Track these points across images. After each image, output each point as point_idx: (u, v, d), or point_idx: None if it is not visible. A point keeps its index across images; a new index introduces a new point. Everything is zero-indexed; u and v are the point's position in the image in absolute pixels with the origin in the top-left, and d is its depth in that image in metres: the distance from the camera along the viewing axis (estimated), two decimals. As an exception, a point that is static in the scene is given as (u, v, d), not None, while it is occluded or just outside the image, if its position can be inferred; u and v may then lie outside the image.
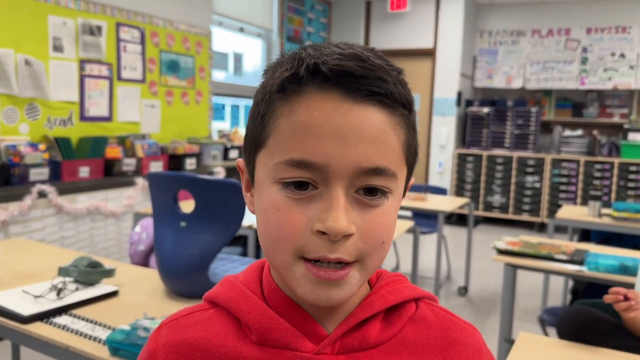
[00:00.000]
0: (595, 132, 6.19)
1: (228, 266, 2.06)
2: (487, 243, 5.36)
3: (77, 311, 1.42)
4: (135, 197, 3.59)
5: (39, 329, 1.32)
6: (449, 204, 3.80)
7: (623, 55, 6.13)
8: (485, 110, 6.45)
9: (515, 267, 2.29)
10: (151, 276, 1.74)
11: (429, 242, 5.23)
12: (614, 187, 5.86)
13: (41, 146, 3.24)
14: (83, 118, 3.67)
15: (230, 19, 5.29)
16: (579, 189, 6.03)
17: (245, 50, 5.72)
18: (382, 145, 0.49)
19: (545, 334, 2.43)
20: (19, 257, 1.91)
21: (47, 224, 3.08)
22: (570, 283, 3.18)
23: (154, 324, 1.22)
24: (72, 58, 3.57)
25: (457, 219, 6.51)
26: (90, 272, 1.55)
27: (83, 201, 3.27)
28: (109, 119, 3.87)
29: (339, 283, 0.49)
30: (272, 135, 0.50)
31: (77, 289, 1.52)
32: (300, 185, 0.48)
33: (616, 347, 1.44)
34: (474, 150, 6.50)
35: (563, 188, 6.13)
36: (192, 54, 4.60)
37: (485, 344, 0.60)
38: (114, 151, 3.67)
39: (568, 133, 6.34)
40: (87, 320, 1.37)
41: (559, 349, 1.44)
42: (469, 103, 6.65)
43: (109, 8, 3.80)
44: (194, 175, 1.58)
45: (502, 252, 2.31)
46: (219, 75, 5.30)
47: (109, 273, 1.60)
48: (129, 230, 3.54)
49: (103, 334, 1.28)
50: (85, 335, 1.28)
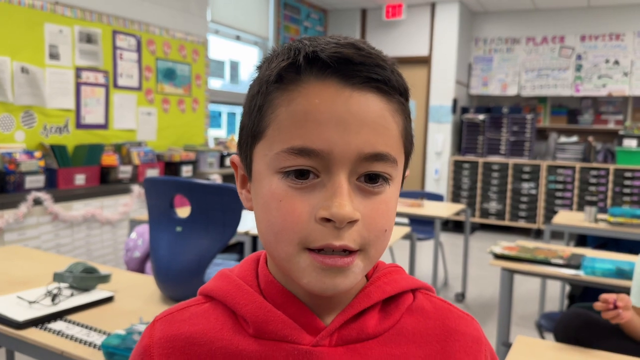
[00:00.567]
0: (590, 139, 6.21)
1: (224, 272, 2.05)
2: (484, 249, 5.36)
3: (72, 317, 1.41)
4: (131, 205, 3.58)
5: (33, 334, 1.31)
6: (446, 210, 3.80)
7: (617, 62, 6.17)
8: (481, 117, 6.48)
9: (512, 272, 2.29)
10: (147, 282, 1.73)
11: (425, 249, 5.23)
12: (610, 193, 5.88)
13: (37, 154, 3.23)
14: (79, 126, 3.67)
15: (227, 27, 5.31)
16: (575, 195, 6.05)
17: (242, 58, 5.74)
18: (383, 131, 0.49)
19: (543, 339, 2.43)
20: (14, 264, 1.90)
21: (43, 231, 3.06)
22: (567, 288, 3.18)
23: (150, 328, 1.21)
24: (69, 66, 3.57)
25: (454, 226, 6.51)
26: (85, 278, 1.55)
27: (79, 209, 3.26)
28: (105, 126, 3.87)
29: (344, 270, 0.48)
30: (271, 126, 0.50)
31: (72, 295, 1.51)
32: (301, 174, 0.48)
33: (613, 350, 1.44)
34: (470, 157, 6.52)
35: (559, 194, 6.14)
36: (189, 61, 4.61)
37: (484, 334, 0.60)
38: (110, 159, 3.67)
39: (563, 140, 6.37)
40: (82, 325, 1.36)
41: (556, 352, 1.44)
42: (465, 110, 6.68)
43: (105, 16, 3.81)
44: (190, 179, 1.58)
45: (499, 257, 2.31)
46: (215, 83, 5.31)
47: (105, 279, 1.59)
48: (125, 238, 3.52)
49: (98, 339, 1.28)
50: (81, 341, 1.27)
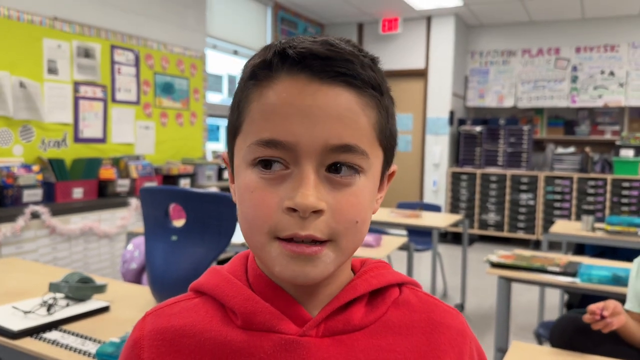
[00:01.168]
0: (587, 149, 6.23)
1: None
2: (482, 260, 5.35)
3: (68, 326, 1.41)
4: (129, 218, 3.58)
5: (28, 344, 1.31)
6: (444, 220, 3.81)
7: (612, 73, 6.21)
8: (478, 129, 6.51)
9: (509, 280, 2.29)
10: (142, 292, 1.73)
11: (424, 260, 5.22)
12: (608, 204, 5.88)
13: (35, 167, 3.24)
14: (77, 139, 3.69)
15: (224, 41, 5.35)
16: (573, 206, 6.06)
17: (239, 73, 5.78)
18: (350, 123, 0.50)
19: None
20: (10, 276, 1.91)
21: (40, 244, 3.06)
22: (566, 297, 3.17)
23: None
24: (67, 80, 3.60)
25: (453, 238, 6.50)
26: (81, 288, 1.55)
27: (76, 222, 3.26)
28: (103, 140, 3.89)
29: (312, 259, 0.49)
30: (246, 120, 0.52)
31: (68, 305, 1.51)
32: (266, 164, 0.50)
33: (608, 355, 1.44)
34: (468, 169, 6.53)
35: (557, 205, 6.15)
36: (187, 76, 4.64)
37: (469, 328, 0.60)
38: (107, 172, 3.68)
39: (560, 150, 6.39)
40: (77, 335, 1.36)
41: (552, 356, 1.44)
42: (462, 122, 6.71)
43: (103, 31, 3.85)
44: (185, 188, 1.59)
45: (496, 265, 2.31)
46: (213, 97, 5.34)
47: (100, 289, 1.59)
48: (122, 251, 3.52)
49: (93, 349, 1.27)
50: (75, 350, 1.27)
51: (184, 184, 4.18)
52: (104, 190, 3.64)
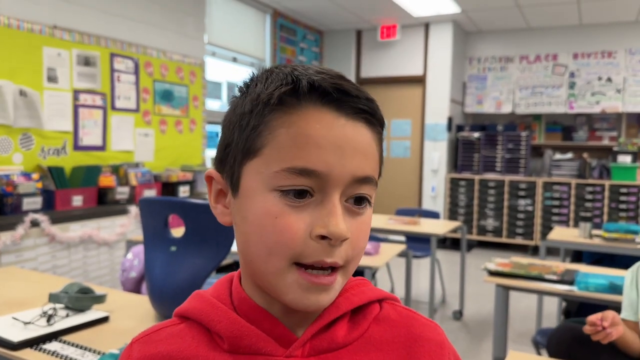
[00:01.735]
0: (585, 155, 6.26)
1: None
2: (481, 267, 5.35)
3: (67, 337, 1.42)
4: (129, 226, 3.59)
5: (28, 355, 1.32)
6: (442, 227, 3.82)
7: (610, 79, 6.24)
8: (476, 135, 6.53)
9: (506, 288, 2.30)
10: (142, 302, 1.74)
11: (423, 267, 5.23)
12: (606, 209, 5.90)
13: (34, 175, 3.25)
14: (77, 147, 3.70)
15: (224, 49, 5.38)
16: (571, 212, 6.07)
17: (239, 80, 5.80)
18: (370, 156, 0.54)
19: (539, 355, 2.43)
20: (10, 285, 1.91)
21: (40, 252, 3.07)
22: (564, 305, 3.18)
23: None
24: (67, 88, 3.62)
25: (451, 244, 6.51)
26: (80, 298, 1.56)
27: (76, 230, 3.27)
28: (102, 148, 3.90)
29: (327, 288, 0.52)
30: (269, 145, 0.52)
31: (68, 315, 1.52)
32: (299, 194, 0.51)
33: (605, 365, 1.45)
34: (466, 175, 6.55)
35: (555, 211, 6.16)
36: (186, 83, 4.66)
37: (447, 339, 0.63)
38: (107, 180, 3.69)
39: (558, 156, 6.41)
40: (77, 346, 1.37)
41: (548, 367, 1.45)
42: (460, 128, 6.73)
43: (103, 39, 3.87)
44: (184, 199, 1.60)
45: (493, 274, 2.32)
46: (212, 104, 5.36)
47: (100, 299, 1.60)
48: (122, 259, 3.53)
49: (93, 359, 1.28)
50: (75, 361, 1.28)
51: (184, 191, 4.19)
52: (103, 198, 3.64)
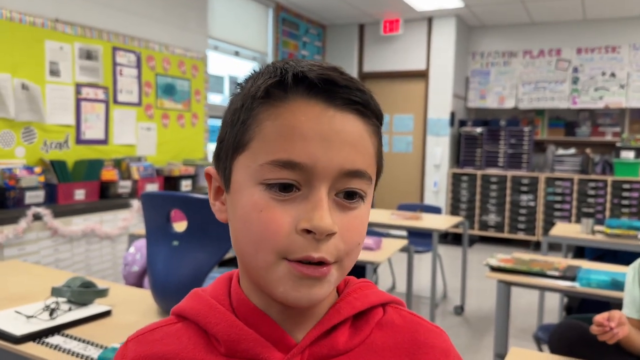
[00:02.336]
0: (588, 151, 6.24)
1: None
2: (483, 262, 5.35)
3: (70, 331, 1.42)
4: (131, 219, 3.60)
5: (31, 349, 1.32)
6: (444, 222, 3.82)
7: (613, 74, 6.21)
8: (479, 130, 6.51)
9: (508, 284, 2.30)
10: (144, 296, 1.74)
11: (424, 262, 5.23)
12: (608, 205, 5.89)
13: (37, 169, 3.26)
14: (79, 141, 3.70)
15: (226, 43, 5.36)
16: (574, 207, 6.06)
17: (241, 74, 5.79)
18: (362, 149, 0.52)
19: (540, 351, 2.43)
20: (13, 279, 1.92)
21: (43, 246, 3.08)
22: (565, 300, 3.18)
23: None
24: (69, 82, 3.61)
25: (453, 239, 6.51)
26: (83, 292, 1.56)
27: (78, 224, 3.27)
28: (105, 142, 3.90)
29: (320, 280, 0.50)
30: (256, 138, 0.51)
31: (70, 309, 1.52)
32: (284, 187, 0.50)
33: (607, 362, 1.45)
34: (468, 170, 6.54)
35: (557, 206, 6.15)
36: (188, 77, 4.66)
37: (453, 346, 0.61)
38: (109, 174, 3.69)
39: (561, 152, 6.40)
40: (80, 340, 1.37)
41: (550, 363, 1.45)
42: (463, 123, 6.72)
43: (105, 33, 3.86)
44: (186, 194, 1.60)
45: (495, 269, 2.32)
46: (214, 98, 5.35)
47: (102, 293, 1.61)
48: (124, 253, 3.54)
49: (95, 354, 1.29)
50: (78, 355, 1.29)
51: (186, 185, 4.20)
52: (105, 192, 3.65)
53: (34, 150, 3.40)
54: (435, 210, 4.53)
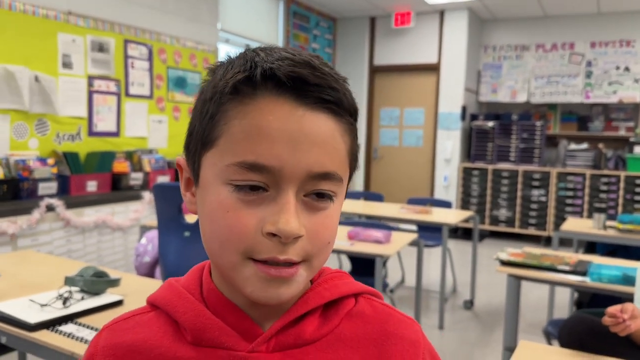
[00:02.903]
0: (601, 146, 6.18)
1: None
2: (493, 257, 5.33)
3: (83, 320, 1.44)
4: (142, 211, 3.62)
5: (45, 336, 1.34)
6: (454, 216, 3.81)
7: (628, 68, 6.14)
8: (490, 124, 6.48)
9: (519, 279, 2.29)
10: (156, 286, 1.75)
11: (434, 256, 5.23)
12: (621, 201, 5.83)
13: (50, 161, 3.29)
14: (91, 133, 3.73)
15: (237, 35, 5.37)
16: (585, 203, 6.02)
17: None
18: (332, 151, 0.50)
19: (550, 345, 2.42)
20: (26, 268, 1.95)
21: (55, 237, 3.11)
22: (576, 295, 3.17)
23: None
24: (81, 74, 3.64)
25: (463, 233, 6.50)
26: (95, 282, 1.58)
27: (90, 215, 3.31)
28: (116, 134, 3.93)
29: (287, 280, 0.50)
30: (223, 136, 0.50)
31: (83, 298, 1.54)
32: (251, 188, 0.49)
33: (618, 357, 1.44)
34: (480, 164, 6.51)
35: (569, 201, 6.11)
36: (199, 70, 4.67)
37: (424, 337, 0.60)
38: (121, 166, 3.72)
39: (574, 147, 6.34)
40: (92, 328, 1.39)
41: (560, 356, 1.44)
42: (474, 117, 6.68)
43: (117, 25, 3.88)
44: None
45: (505, 264, 2.31)
46: (225, 91, 5.36)
47: (114, 283, 1.62)
48: (135, 244, 3.57)
49: (107, 342, 1.30)
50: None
51: (196, 177, 4.22)
52: (117, 184, 3.68)
53: (47, 142, 3.44)
54: (446, 204, 4.51)
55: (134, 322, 0.58)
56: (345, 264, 4.49)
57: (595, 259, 2.43)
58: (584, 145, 6.32)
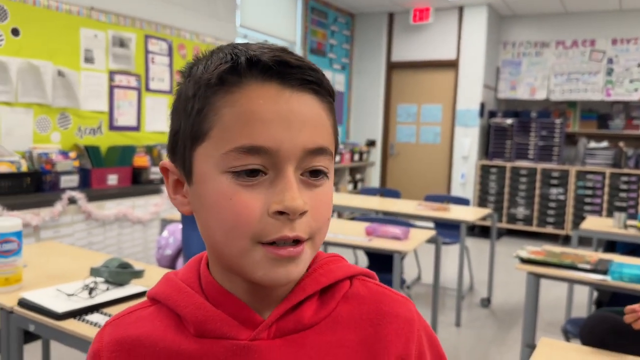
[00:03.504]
0: (621, 144, 6.10)
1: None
2: (511, 255, 5.31)
3: (108, 309, 1.47)
4: (162, 205, 3.66)
5: (72, 325, 1.37)
6: (472, 214, 3.79)
7: (650, 66, 6.05)
8: (509, 121, 6.42)
9: (538, 277, 2.28)
10: (178, 278, 1.78)
11: (451, 253, 5.21)
12: (641, 200, 5.76)
13: (72, 154, 3.34)
14: (112, 127, 3.78)
15: (255, 31, 5.39)
16: (605, 202, 5.95)
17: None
18: (321, 127, 0.53)
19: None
20: (51, 259, 1.98)
21: (77, 229, 3.16)
22: (595, 295, 3.14)
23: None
24: (103, 69, 3.68)
25: (480, 231, 6.46)
26: (120, 273, 1.61)
27: (111, 208, 3.35)
28: (137, 128, 3.97)
29: (295, 259, 0.52)
30: (216, 127, 0.51)
31: (108, 289, 1.57)
32: (251, 173, 0.50)
33: (640, 355, 1.43)
34: (498, 162, 6.46)
35: (588, 200, 6.05)
36: (218, 65, 4.69)
37: (419, 315, 0.61)
38: (141, 160, 3.76)
39: (593, 145, 6.27)
40: (118, 318, 1.41)
41: (581, 354, 1.44)
42: (492, 114, 6.63)
43: (138, 21, 3.92)
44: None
45: (525, 261, 2.30)
46: (243, 87, 5.38)
47: (138, 274, 1.65)
48: (155, 237, 3.61)
49: (133, 331, 1.33)
50: (116, 332, 1.33)
51: (214, 172, 4.25)
52: (137, 178, 3.72)
53: (68, 136, 3.49)
54: (464, 201, 4.50)
55: (136, 317, 0.59)
56: (362, 259, 4.49)
57: (617, 258, 2.41)
58: (604, 144, 6.24)
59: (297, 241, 0.51)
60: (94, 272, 1.61)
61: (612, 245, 3.53)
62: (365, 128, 7.19)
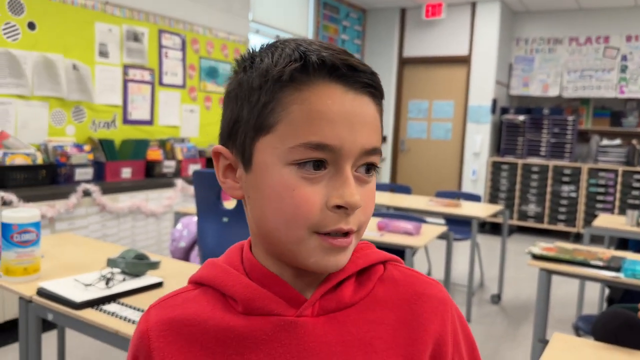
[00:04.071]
0: (634, 142, 6.05)
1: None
2: (521, 252, 5.30)
3: (125, 300, 1.50)
4: (175, 198, 3.69)
5: (90, 314, 1.40)
6: (483, 210, 3.79)
7: (665, 63, 5.99)
8: (521, 118, 6.39)
9: (550, 273, 2.28)
10: (193, 270, 1.80)
11: (462, 249, 5.20)
12: (654, 198, 5.72)
13: (86, 147, 3.38)
14: (126, 121, 3.81)
15: (267, 26, 5.40)
16: (617, 199, 5.91)
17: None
18: (376, 129, 0.57)
19: (581, 342, 2.41)
20: (69, 250, 2.01)
21: (91, 221, 3.20)
22: (607, 292, 3.13)
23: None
24: (117, 63, 3.71)
25: (491, 228, 6.44)
26: (136, 264, 1.63)
27: (125, 201, 3.39)
28: (150, 122, 4.00)
29: (344, 249, 0.56)
30: (283, 122, 0.54)
31: (124, 280, 1.59)
32: (317, 165, 0.54)
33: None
34: (509, 159, 6.44)
35: (600, 198, 6.01)
36: (230, 60, 4.71)
37: (450, 298, 0.65)
38: (154, 153, 3.79)
39: (606, 142, 6.22)
40: (135, 308, 1.44)
41: (594, 350, 1.44)
42: (504, 111, 6.60)
43: (152, 15, 3.94)
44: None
45: (537, 257, 2.30)
46: (255, 82, 5.39)
47: (154, 265, 1.67)
48: (168, 230, 3.65)
49: (150, 321, 1.35)
50: (134, 322, 1.35)
51: (226, 166, 4.27)
52: (151, 171, 3.76)
53: (83, 129, 3.52)
54: (475, 198, 4.49)
55: (182, 299, 0.62)
56: (372, 256, 4.50)
57: (629, 255, 2.40)
58: (617, 141, 6.19)
59: (347, 233, 0.55)
60: (111, 263, 1.64)
61: (625, 243, 3.51)
62: (376, 124, 7.17)
